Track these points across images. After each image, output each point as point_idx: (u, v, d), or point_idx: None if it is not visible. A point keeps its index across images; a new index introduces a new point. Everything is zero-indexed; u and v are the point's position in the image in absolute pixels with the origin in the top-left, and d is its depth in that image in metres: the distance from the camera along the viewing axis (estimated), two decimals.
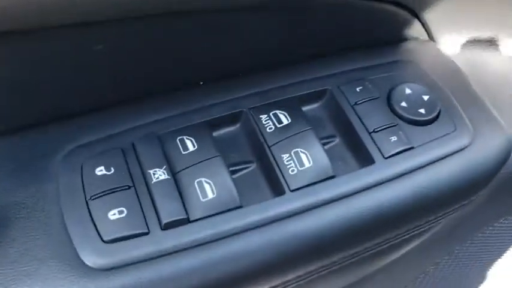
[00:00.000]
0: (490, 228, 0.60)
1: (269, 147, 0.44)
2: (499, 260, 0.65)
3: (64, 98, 0.44)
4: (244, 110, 0.46)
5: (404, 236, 0.49)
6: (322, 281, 0.50)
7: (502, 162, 0.49)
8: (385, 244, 0.48)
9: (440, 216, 0.50)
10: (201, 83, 0.48)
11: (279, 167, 0.43)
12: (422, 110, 0.48)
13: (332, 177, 0.44)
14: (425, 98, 0.49)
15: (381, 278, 0.57)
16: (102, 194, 0.40)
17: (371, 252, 0.48)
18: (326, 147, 0.47)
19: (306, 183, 0.43)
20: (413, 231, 0.50)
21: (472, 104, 0.51)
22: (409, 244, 0.53)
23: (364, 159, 0.46)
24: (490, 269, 0.66)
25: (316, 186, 0.43)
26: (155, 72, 0.45)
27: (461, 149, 0.47)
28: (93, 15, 0.33)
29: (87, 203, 0.40)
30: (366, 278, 0.55)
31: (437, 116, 0.48)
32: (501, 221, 0.60)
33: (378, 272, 0.55)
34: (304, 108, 0.49)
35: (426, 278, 0.62)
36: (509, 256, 0.67)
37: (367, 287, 0.58)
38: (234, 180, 0.42)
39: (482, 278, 0.69)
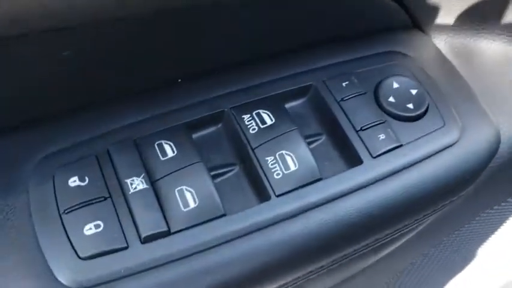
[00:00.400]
0: (477, 218, 0.60)
1: (253, 149, 0.42)
2: (484, 248, 0.65)
3: (33, 103, 0.41)
4: (226, 109, 0.44)
5: (393, 235, 0.48)
6: (309, 284, 0.48)
7: (491, 156, 0.48)
8: (373, 244, 0.47)
9: (429, 213, 0.49)
10: (179, 80, 0.45)
11: (263, 171, 0.41)
12: (410, 105, 0.46)
13: (319, 179, 0.42)
14: (414, 92, 0.47)
15: (368, 274, 0.56)
16: (76, 207, 0.38)
17: (359, 253, 0.47)
18: (312, 146, 0.45)
19: (291, 187, 0.41)
20: (402, 230, 0.48)
21: (461, 96, 0.49)
22: (397, 241, 0.52)
23: (352, 159, 0.44)
24: (475, 257, 0.66)
25: (303, 190, 0.41)
26: (129, 72, 0.42)
27: (450, 145, 0.46)
28: (64, 22, 0.30)
29: (60, 217, 0.38)
30: (353, 275, 0.54)
31: (425, 111, 0.46)
32: (488, 211, 0.59)
33: (365, 269, 0.54)
34: (288, 105, 0.46)
35: (414, 268, 0.62)
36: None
37: (353, 283, 0.57)
38: (216, 185, 0.40)
39: (468, 262, 0.69)
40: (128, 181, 0.39)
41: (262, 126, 0.43)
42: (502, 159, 0.49)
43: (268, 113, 0.44)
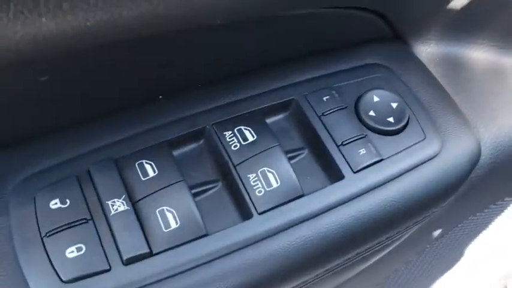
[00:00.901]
0: (460, 225, 0.60)
1: (235, 166, 0.42)
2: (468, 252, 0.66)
3: (11, 124, 0.41)
4: (207, 126, 0.44)
5: (376, 247, 0.49)
6: None
7: (472, 167, 0.49)
8: (356, 257, 0.48)
9: (411, 225, 0.49)
10: (160, 97, 0.45)
11: (245, 188, 0.42)
12: (391, 119, 0.47)
13: (301, 196, 0.42)
14: (394, 105, 0.47)
15: (351, 284, 0.57)
16: (58, 229, 0.38)
17: (342, 266, 0.48)
18: (293, 161, 0.45)
19: (273, 204, 0.41)
20: (385, 242, 0.49)
21: (442, 108, 0.49)
22: (381, 252, 0.53)
23: (333, 174, 0.44)
24: (458, 262, 0.67)
25: (285, 207, 0.42)
26: (109, 91, 0.42)
27: (431, 158, 0.46)
28: (40, 51, 0.30)
29: (42, 240, 0.38)
30: (337, 286, 0.55)
31: (406, 125, 0.47)
32: (470, 218, 0.60)
33: (348, 279, 0.55)
34: (270, 120, 0.46)
35: (397, 275, 0.63)
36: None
37: None
38: (198, 203, 0.40)
39: (451, 267, 0.70)
40: (109, 203, 0.39)
41: (243, 143, 0.43)
42: (483, 169, 0.50)
43: (249, 129, 0.44)
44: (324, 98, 0.47)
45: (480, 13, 0.51)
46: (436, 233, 0.59)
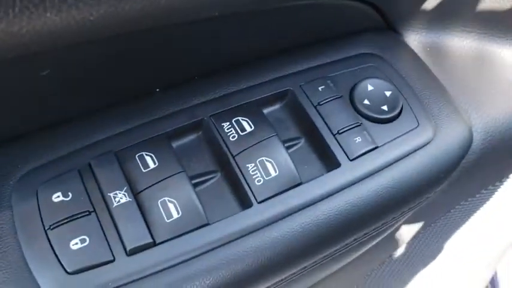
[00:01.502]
0: (452, 210, 0.62)
1: (233, 156, 0.43)
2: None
3: (13, 118, 0.41)
4: (205, 118, 0.45)
5: (371, 233, 0.50)
6: (289, 285, 0.50)
7: (464, 153, 0.50)
8: (352, 244, 0.49)
9: (406, 211, 0.50)
10: (157, 90, 0.46)
11: (244, 178, 0.42)
12: (385, 107, 0.48)
13: (299, 184, 0.43)
14: (388, 93, 0.48)
15: (346, 270, 0.58)
16: (61, 222, 0.38)
17: (339, 252, 0.49)
18: (291, 150, 0.46)
19: (272, 193, 0.42)
20: (380, 228, 0.50)
21: (434, 95, 0.50)
22: (376, 239, 0.54)
23: (330, 162, 0.45)
24: (451, 248, 0.69)
25: (283, 195, 0.43)
26: (108, 85, 0.43)
27: (425, 145, 0.47)
28: (44, 45, 0.30)
29: (46, 233, 0.38)
30: (325, 278, 0.56)
31: (400, 113, 0.48)
32: (462, 203, 0.61)
33: (344, 265, 0.56)
34: (267, 111, 0.47)
35: (392, 260, 0.64)
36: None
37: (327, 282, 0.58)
38: (198, 194, 0.41)
39: (442, 254, 0.71)
40: (111, 194, 0.40)
41: (241, 134, 0.44)
42: (475, 155, 0.51)
43: (247, 119, 0.45)
44: (319, 88, 0.48)
45: (468, 2, 0.52)
46: (430, 218, 0.60)
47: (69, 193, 0.40)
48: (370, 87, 0.48)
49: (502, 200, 0.67)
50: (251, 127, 0.44)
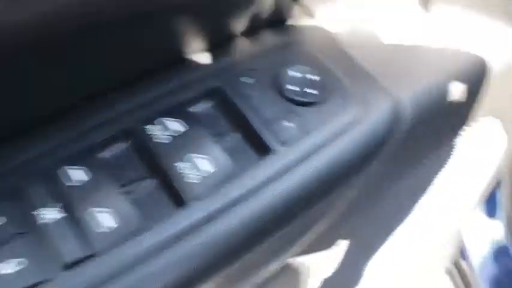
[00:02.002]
0: (397, 183, 0.63)
1: (165, 159, 0.43)
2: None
3: None
4: (133, 125, 0.45)
5: (317, 216, 0.50)
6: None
7: (395, 125, 0.51)
8: (297, 228, 0.49)
9: (347, 189, 0.51)
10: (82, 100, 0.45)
11: (179, 178, 0.42)
12: (312, 91, 0.49)
13: (235, 177, 0.43)
14: (314, 78, 0.49)
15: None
16: None
17: (285, 239, 0.49)
18: (224, 146, 0.46)
19: (209, 189, 0.42)
20: (325, 209, 0.51)
21: (359, 78, 0.52)
22: (323, 220, 0.55)
23: (263, 151, 0.46)
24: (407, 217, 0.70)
25: (221, 190, 0.43)
26: (23, 105, 0.42)
27: (355, 124, 0.48)
28: None
29: None
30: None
31: (326, 96, 0.49)
32: (404, 176, 0.63)
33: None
34: (196, 110, 0.47)
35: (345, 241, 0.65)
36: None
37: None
38: (133, 201, 0.41)
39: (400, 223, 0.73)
40: (44, 212, 0.39)
41: (172, 135, 0.44)
42: (406, 126, 0.53)
43: (176, 120, 0.45)
44: (246, 81, 0.48)
45: None
46: (377, 193, 0.61)
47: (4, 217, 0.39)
48: (295, 74, 0.49)
49: (449, 166, 0.70)
50: (182, 128, 0.45)
